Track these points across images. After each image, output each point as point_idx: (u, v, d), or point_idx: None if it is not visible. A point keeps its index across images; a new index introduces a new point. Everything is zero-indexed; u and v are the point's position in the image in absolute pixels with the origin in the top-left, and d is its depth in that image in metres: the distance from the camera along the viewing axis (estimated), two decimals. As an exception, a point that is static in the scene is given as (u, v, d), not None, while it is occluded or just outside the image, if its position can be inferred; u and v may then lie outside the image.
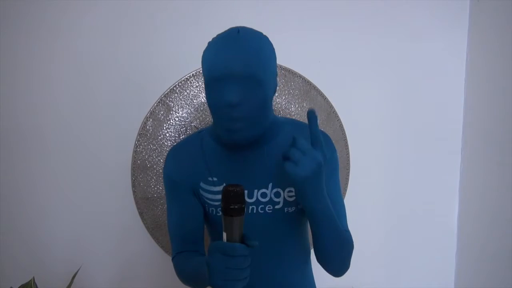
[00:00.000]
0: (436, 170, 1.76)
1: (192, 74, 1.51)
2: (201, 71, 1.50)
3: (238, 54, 0.87)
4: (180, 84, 1.50)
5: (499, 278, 1.57)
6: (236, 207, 0.77)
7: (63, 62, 1.52)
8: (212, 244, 0.80)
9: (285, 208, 1.01)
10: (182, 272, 1.01)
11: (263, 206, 1.00)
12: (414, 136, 1.73)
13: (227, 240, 0.79)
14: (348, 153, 1.64)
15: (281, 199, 1.01)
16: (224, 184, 0.98)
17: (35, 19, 1.49)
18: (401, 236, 1.77)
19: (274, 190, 1.00)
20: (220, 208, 0.99)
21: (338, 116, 1.61)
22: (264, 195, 1.00)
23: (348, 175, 1.65)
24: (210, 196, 1.02)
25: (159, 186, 1.53)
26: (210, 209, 1.03)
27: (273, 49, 0.95)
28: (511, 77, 1.49)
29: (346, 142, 1.63)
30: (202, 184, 1.02)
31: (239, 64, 0.87)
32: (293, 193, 1.01)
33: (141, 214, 1.54)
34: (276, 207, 1.01)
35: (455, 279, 1.82)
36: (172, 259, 1.07)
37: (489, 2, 1.60)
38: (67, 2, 1.49)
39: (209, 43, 0.93)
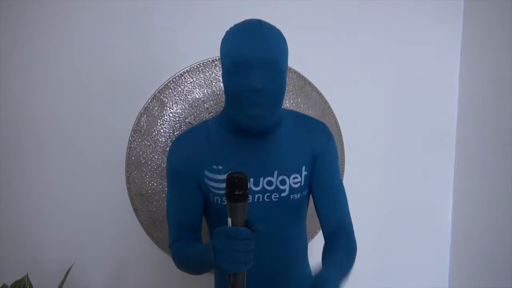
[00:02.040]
0: (430, 167, 1.76)
1: (186, 70, 1.50)
2: (195, 67, 1.50)
3: (263, 42, 0.91)
4: (174, 80, 1.50)
5: (492, 275, 1.58)
6: (240, 193, 0.81)
7: (58, 59, 1.51)
8: (218, 229, 0.84)
9: (291, 195, 1.04)
10: (180, 258, 1.03)
11: (269, 194, 1.03)
12: (408, 132, 1.73)
13: (232, 225, 0.83)
14: (343, 149, 1.64)
15: (286, 187, 1.03)
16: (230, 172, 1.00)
17: (31, 14, 1.48)
18: (395, 233, 1.78)
19: (280, 178, 1.02)
20: (225, 197, 1.02)
21: (332, 112, 1.61)
22: (270, 183, 1.02)
23: (343, 171, 1.65)
24: (214, 184, 1.03)
25: (154, 182, 1.52)
26: (215, 198, 1.04)
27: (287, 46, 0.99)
28: (504, 74, 1.50)
29: (341, 138, 1.63)
30: (206, 172, 1.03)
31: (264, 52, 0.91)
32: (298, 180, 1.04)
33: (135, 210, 1.54)
34: (282, 195, 1.03)
35: (449, 276, 1.83)
36: (169, 246, 1.08)
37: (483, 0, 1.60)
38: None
39: (228, 33, 0.96)
